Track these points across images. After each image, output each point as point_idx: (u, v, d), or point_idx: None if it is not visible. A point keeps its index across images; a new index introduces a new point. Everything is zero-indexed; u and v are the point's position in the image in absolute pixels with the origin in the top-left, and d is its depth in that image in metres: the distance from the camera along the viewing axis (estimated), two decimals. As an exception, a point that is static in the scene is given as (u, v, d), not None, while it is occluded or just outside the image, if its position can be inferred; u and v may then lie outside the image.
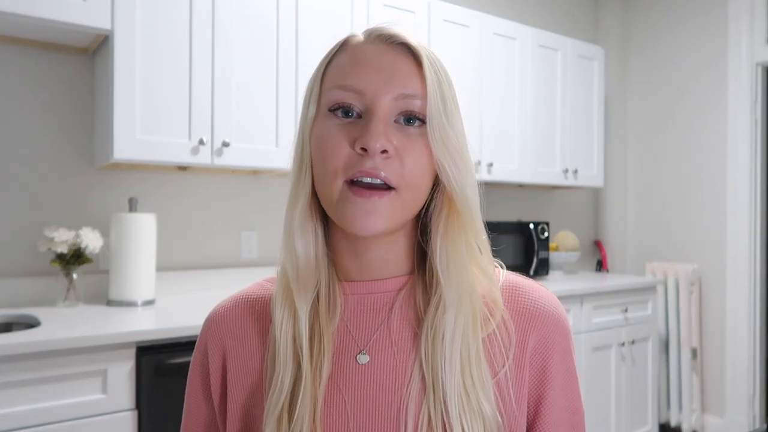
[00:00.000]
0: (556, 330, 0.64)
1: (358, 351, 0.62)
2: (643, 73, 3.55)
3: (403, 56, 0.60)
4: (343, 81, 0.59)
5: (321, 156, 0.59)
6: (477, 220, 0.62)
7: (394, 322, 0.63)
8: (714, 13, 3.21)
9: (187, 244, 2.24)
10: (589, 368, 2.60)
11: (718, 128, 3.19)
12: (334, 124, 0.59)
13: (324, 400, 0.60)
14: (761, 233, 3.09)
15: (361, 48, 0.61)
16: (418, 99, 0.59)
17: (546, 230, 2.83)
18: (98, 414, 1.48)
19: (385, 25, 0.62)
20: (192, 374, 0.71)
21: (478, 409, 0.58)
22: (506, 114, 2.76)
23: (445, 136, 0.59)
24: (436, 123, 0.58)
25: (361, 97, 0.58)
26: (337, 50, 0.63)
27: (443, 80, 0.61)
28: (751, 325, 3.05)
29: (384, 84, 0.58)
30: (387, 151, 0.57)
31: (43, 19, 1.68)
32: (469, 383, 0.58)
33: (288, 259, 0.62)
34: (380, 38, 0.61)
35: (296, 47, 2.12)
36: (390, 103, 0.58)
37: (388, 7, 2.36)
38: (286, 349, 0.61)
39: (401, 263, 0.65)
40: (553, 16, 3.44)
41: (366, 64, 0.59)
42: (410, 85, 0.59)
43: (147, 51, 1.84)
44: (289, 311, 0.62)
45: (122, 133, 1.80)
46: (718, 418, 3.17)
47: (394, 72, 0.59)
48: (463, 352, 0.59)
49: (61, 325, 1.58)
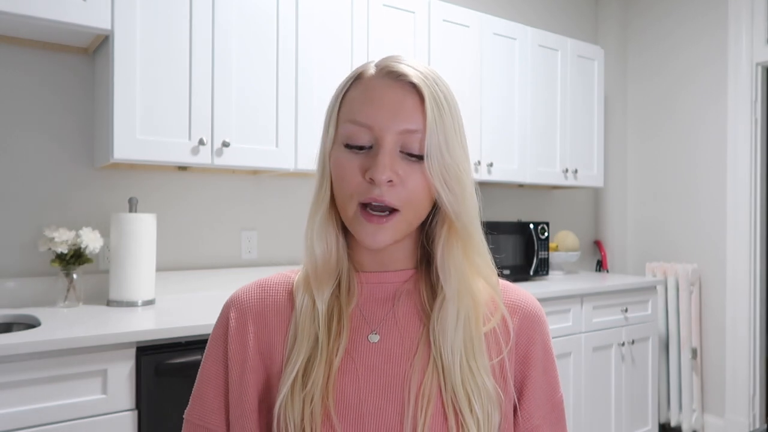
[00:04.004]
0: (536, 321, 0.77)
1: (370, 331, 0.73)
2: (643, 73, 3.55)
3: (410, 93, 0.68)
4: (356, 117, 0.69)
5: (338, 179, 0.70)
6: (476, 237, 0.72)
7: (400, 309, 0.74)
8: (714, 13, 3.21)
9: (187, 244, 2.24)
10: (589, 368, 2.60)
11: (718, 128, 3.19)
12: (348, 154, 0.69)
13: (339, 368, 0.70)
14: (761, 233, 3.09)
15: (372, 84, 0.70)
16: (419, 133, 0.67)
17: (546, 230, 2.83)
18: (98, 414, 1.48)
19: (395, 62, 0.70)
20: (210, 349, 0.77)
21: (483, 385, 0.68)
22: (506, 114, 2.76)
23: (443, 167, 0.68)
24: (434, 156, 0.67)
25: (371, 131, 0.68)
26: (351, 83, 0.72)
27: (445, 112, 0.69)
28: (751, 325, 3.05)
29: (391, 119, 0.67)
30: (392, 180, 0.66)
31: (43, 19, 1.68)
32: (473, 364, 0.69)
33: (309, 259, 0.73)
34: (390, 75, 0.69)
35: (296, 47, 2.12)
36: (395, 136, 0.67)
37: (387, 7, 2.36)
38: (305, 327, 0.71)
39: (407, 259, 0.76)
40: (553, 16, 3.44)
41: (376, 100, 0.68)
42: (413, 121, 0.67)
43: (147, 51, 1.84)
44: (308, 298, 0.73)
45: (122, 133, 1.80)
46: (718, 418, 3.17)
47: (400, 109, 0.67)
48: (466, 340, 0.70)
49: (61, 325, 1.58)
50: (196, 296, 2.14)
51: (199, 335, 1.62)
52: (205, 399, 0.74)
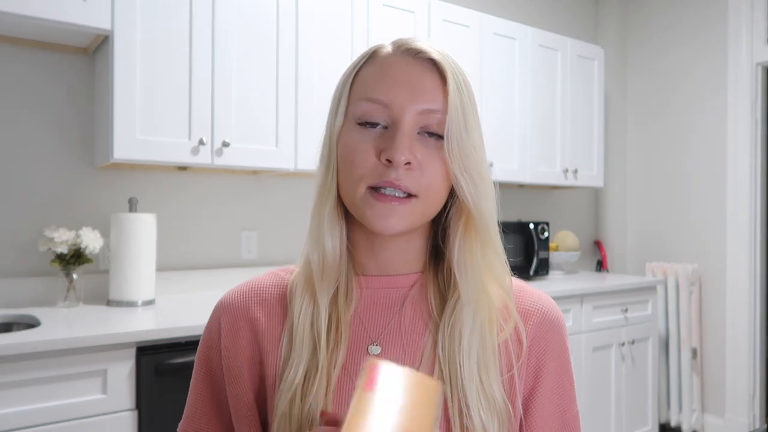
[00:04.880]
0: (552, 328, 0.69)
1: (370, 342, 0.66)
2: (643, 73, 3.55)
3: (429, 71, 0.63)
4: (371, 94, 0.62)
5: (348, 163, 0.62)
6: (493, 233, 0.65)
7: (405, 316, 0.67)
8: (714, 12, 3.21)
9: (187, 244, 2.24)
10: (589, 368, 2.60)
11: (718, 128, 3.19)
12: (362, 134, 0.62)
13: (336, 385, 0.63)
14: (761, 233, 3.09)
15: (388, 61, 0.64)
16: (439, 113, 0.62)
17: (546, 230, 2.83)
18: (98, 414, 1.48)
19: (413, 39, 0.65)
20: (201, 354, 0.73)
21: (493, 399, 0.62)
22: (506, 114, 2.76)
23: (462, 151, 0.62)
24: (454, 139, 0.61)
25: (388, 109, 0.61)
26: (365, 61, 0.65)
27: (465, 96, 0.63)
28: (751, 325, 3.05)
29: (409, 98, 0.61)
30: (410, 162, 0.60)
31: (43, 19, 1.68)
32: (485, 377, 0.62)
33: (315, 254, 0.66)
34: (408, 52, 0.63)
35: (296, 47, 2.12)
36: (414, 117, 0.61)
37: (387, 7, 2.36)
38: (303, 335, 0.64)
39: (415, 261, 0.69)
40: (553, 16, 3.44)
41: (393, 77, 0.62)
42: (434, 100, 0.61)
43: (147, 51, 1.84)
44: (309, 300, 0.66)
45: (122, 132, 1.80)
46: (718, 418, 3.17)
47: (420, 87, 0.61)
48: (480, 349, 0.63)
49: (61, 325, 1.58)
50: (196, 296, 2.14)
51: (199, 335, 1.62)
52: (199, 408, 0.72)
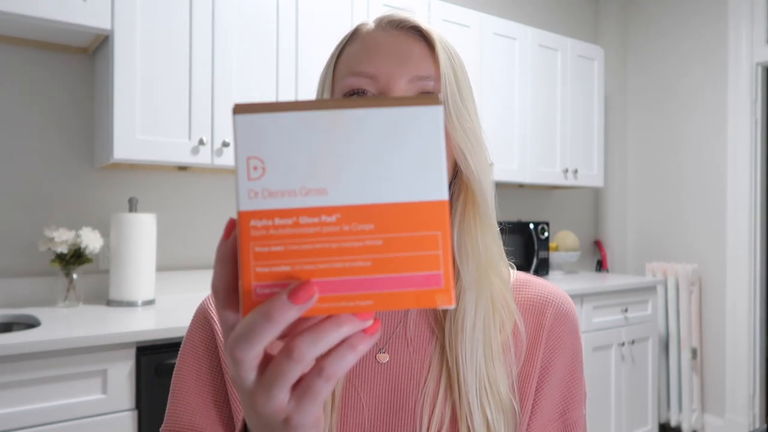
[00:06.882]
0: (565, 320, 0.65)
1: (378, 350, 0.63)
2: (643, 73, 3.55)
3: (416, 40, 0.60)
4: (356, 68, 0.59)
5: None
6: (492, 218, 0.61)
7: (411, 321, 0.64)
8: (714, 13, 3.21)
9: (187, 244, 2.24)
10: (589, 368, 2.60)
11: (718, 128, 3.19)
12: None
13: (341, 400, 0.60)
14: (761, 233, 3.09)
15: (372, 35, 0.61)
16: (432, 80, 0.59)
17: (546, 230, 2.83)
18: (98, 414, 1.48)
19: (395, 11, 0.62)
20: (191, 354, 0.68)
21: (499, 398, 0.59)
22: (506, 114, 2.76)
23: (460, 117, 0.58)
24: (451, 104, 0.58)
25: (375, 81, 0.58)
26: (347, 40, 0.63)
27: (456, 63, 0.61)
28: (751, 325, 3.05)
29: (398, 67, 0.58)
30: None
31: (43, 19, 1.68)
32: (492, 371, 0.59)
33: None
34: (391, 24, 0.61)
35: (296, 47, 2.12)
36: (405, 86, 0.58)
37: (387, 8, 2.36)
38: None
39: None
40: (553, 16, 3.44)
41: (378, 49, 0.59)
42: (424, 68, 0.59)
43: (147, 51, 1.84)
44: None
45: (122, 133, 1.80)
46: (718, 418, 3.17)
47: (408, 55, 0.58)
48: (485, 342, 0.59)
49: (61, 325, 1.58)
50: (196, 296, 2.14)
51: (199, 335, 1.62)
52: (186, 403, 0.68)
